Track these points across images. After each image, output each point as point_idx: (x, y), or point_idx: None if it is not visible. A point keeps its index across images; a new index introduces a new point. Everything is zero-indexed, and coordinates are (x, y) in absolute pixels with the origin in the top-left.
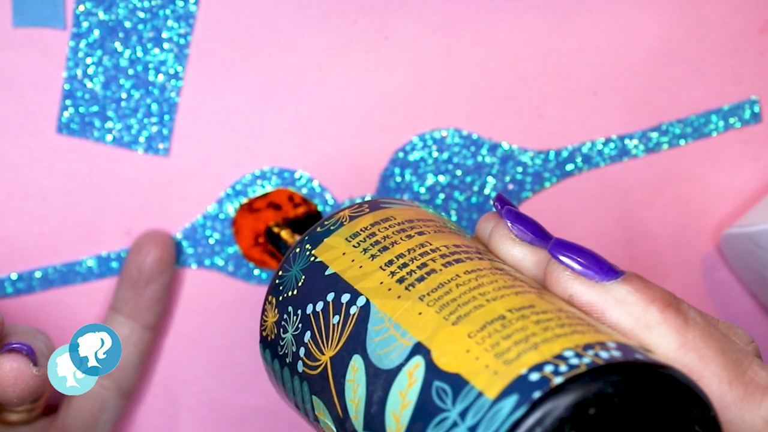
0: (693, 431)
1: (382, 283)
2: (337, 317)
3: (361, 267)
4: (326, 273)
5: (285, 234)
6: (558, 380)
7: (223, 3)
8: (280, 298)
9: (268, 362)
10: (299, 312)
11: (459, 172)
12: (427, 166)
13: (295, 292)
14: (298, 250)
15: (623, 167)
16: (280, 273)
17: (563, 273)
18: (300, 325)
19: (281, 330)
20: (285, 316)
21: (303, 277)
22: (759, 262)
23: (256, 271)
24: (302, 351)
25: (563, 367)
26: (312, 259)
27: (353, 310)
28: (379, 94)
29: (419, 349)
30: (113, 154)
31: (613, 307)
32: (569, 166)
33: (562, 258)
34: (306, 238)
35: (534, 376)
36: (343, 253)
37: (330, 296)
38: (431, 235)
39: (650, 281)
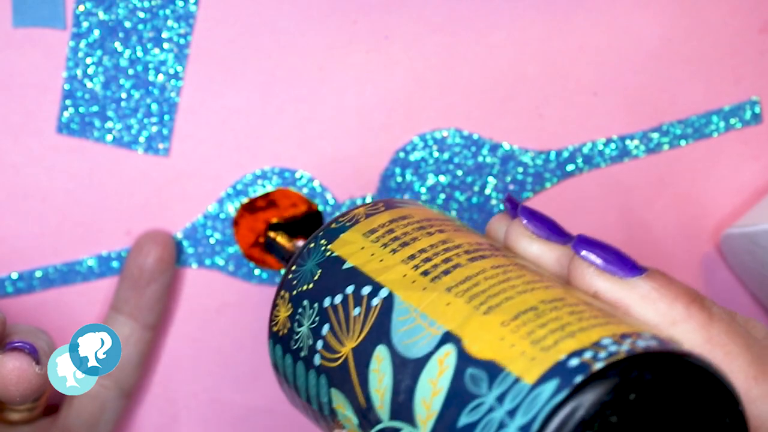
0: (722, 423)
1: (405, 275)
2: (358, 309)
3: (381, 261)
4: (344, 267)
5: (281, 239)
6: (599, 365)
7: (223, 3)
8: (294, 292)
9: (278, 358)
10: (316, 305)
11: (460, 173)
12: (427, 166)
13: (310, 285)
14: (312, 245)
15: (624, 167)
16: (294, 268)
17: (587, 269)
18: (317, 318)
19: (295, 324)
20: (300, 309)
21: (319, 271)
22: (759, 262)
23: (257, 271)
24: (320, 344)
25: (603, 354)
26: (328, 253)
27: (375, 301)
28: (379, 94)
29: (449, 337)
30: (113, 154)
31: (638, 303)
32: (570, 167)
33: (585, 254)
34: (320, 234)
35: (574, 362)
36: (362, 248)
37: (349, 289)
38: (451, 233)
39: (673, 277)
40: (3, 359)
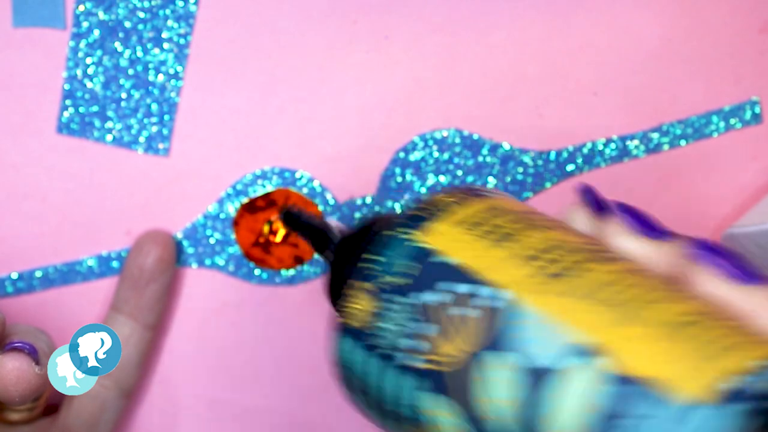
0: None
1: (529, 276)
2: (473, 310)
3: (495, 257)
4: (446, 261)
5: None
6: (755, 390)
7: (223, 3)
8: (377, 285)
9: (345, 353)
10: (412, 302)
11: (460, 173)
12: (427, 166)
13: (400, 279)
14: (391, 233)
15: (624, 168)
16: (371, 257)
17: (714, 276)
18: (417, 316)
19: (382, 320)
20: (389, 305)
21: (411, 263)
22: (759, 262)
23: (257, 271)
24: (425, 345)
25: (757, 379)
26: (421, 245)
27: (498, 303)
28: (379, 94)
29: (590, 348)
30: (113, 154)
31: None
32: (570, 167)
33: (712, 261)
34: (403, 222)
35: (735, 382)
36: (464, 241)
37: (462, 288)
38: (560, 230)
39: None
40: (2, 359)
